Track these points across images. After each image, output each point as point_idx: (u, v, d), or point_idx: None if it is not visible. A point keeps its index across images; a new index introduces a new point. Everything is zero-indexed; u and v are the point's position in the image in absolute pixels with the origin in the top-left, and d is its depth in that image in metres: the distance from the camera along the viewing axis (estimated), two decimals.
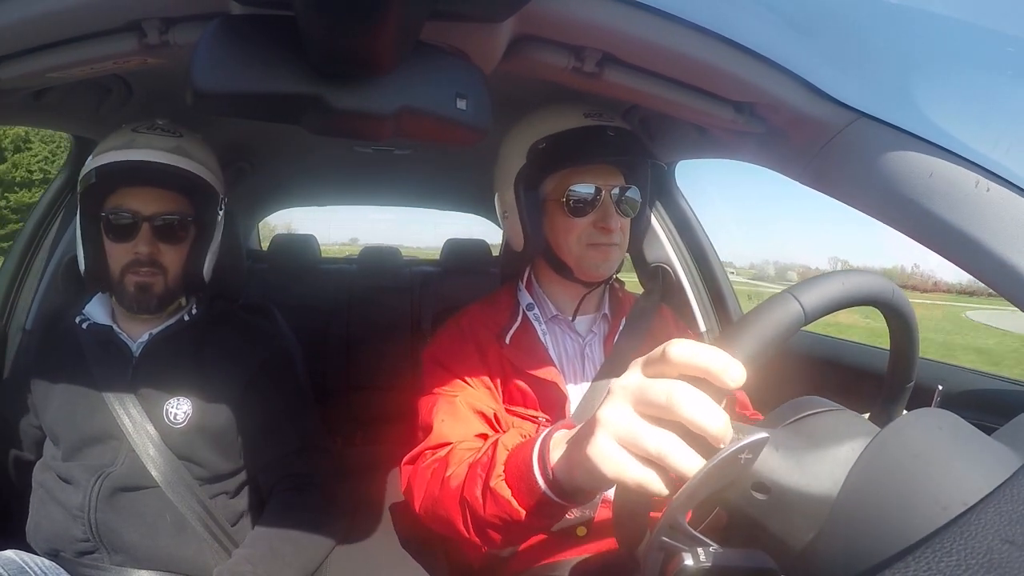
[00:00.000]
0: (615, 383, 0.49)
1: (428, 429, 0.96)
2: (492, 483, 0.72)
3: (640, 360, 0.48)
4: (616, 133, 1.02)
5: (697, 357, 0.43)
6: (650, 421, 0.45)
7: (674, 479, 0.44)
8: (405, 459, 0.98)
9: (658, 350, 0.45)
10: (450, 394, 0.98)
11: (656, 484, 0.45)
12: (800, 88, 0.71)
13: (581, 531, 1.00)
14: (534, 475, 0.65)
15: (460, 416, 0.95)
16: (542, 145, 1.02)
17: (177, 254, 1.13)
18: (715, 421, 0.42)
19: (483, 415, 0.97)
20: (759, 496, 0.45)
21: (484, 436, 0.94)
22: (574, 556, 1.00)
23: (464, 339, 1.05)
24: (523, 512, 0.68)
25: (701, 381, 0.43)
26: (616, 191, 1.03)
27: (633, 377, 0.47)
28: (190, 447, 1.10)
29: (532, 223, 1.04)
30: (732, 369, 0.42)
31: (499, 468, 0.72)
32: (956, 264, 0.63)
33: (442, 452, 0.91)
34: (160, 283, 1.11)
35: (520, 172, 1.04)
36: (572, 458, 0.58)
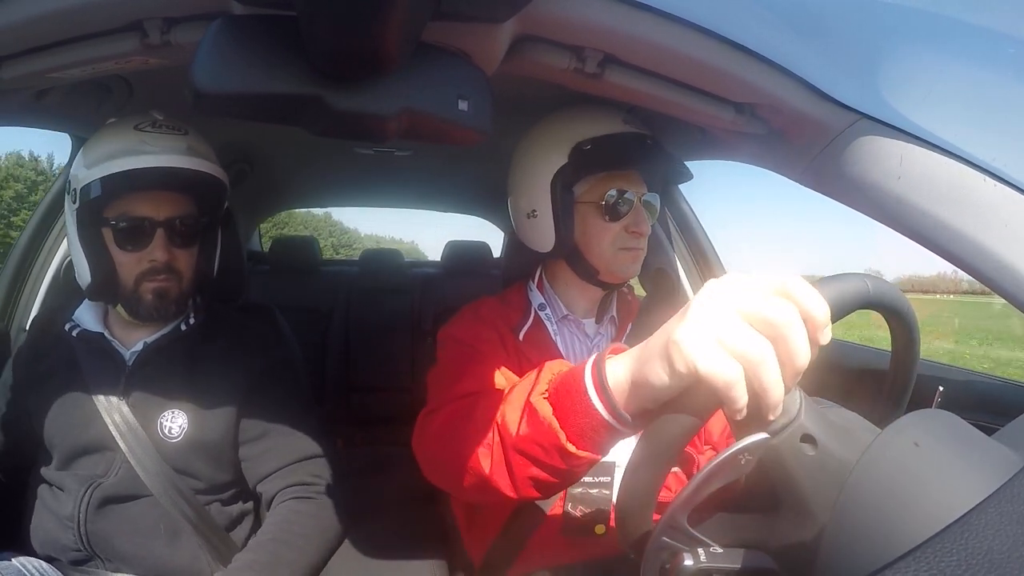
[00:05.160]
0: (710, 283, 0.47)
1: (450, 388, 0.90)
2: (532, 398, 0.64)
3: (741, 277, 0.46)
4: (652, 142, 1.05)
5: (813, 306, 0.43)
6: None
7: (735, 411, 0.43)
8: (424, 410, 0.92)
9: (776, 281, 0.45)
10: (472, 361, 0.95)
11: (742, 391, 0.43)
12: (801, 89, 0.71)
13: (600, 529, 0.99)
14: (586, 391, 0.56)
15: (486, 374, 0.91)
16: (587, 147, 1.02)
17: (191, 257, 1.11)
18: (806, 360, 0.43)
19: (508, 380, 0.92)
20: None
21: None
22: (591, 557, 0.99)
23: (483, 323, 1.05)
24: (563, 434, 0.59)
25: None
26: (645, 197, 1.07)
27: (738, 285, 0.45)
28: (186, 461, 1.07)
29: (566, 223, 1.04)
30: (826, 330, 0.44)
31: (543, 386, 0.64)
32: (957, 266, 0.63)
33: (469, 398, 0.84)
34: (176, 288, 1.08)
35: (560, 171, 1.03)
36: (642, 371, 0.51)
